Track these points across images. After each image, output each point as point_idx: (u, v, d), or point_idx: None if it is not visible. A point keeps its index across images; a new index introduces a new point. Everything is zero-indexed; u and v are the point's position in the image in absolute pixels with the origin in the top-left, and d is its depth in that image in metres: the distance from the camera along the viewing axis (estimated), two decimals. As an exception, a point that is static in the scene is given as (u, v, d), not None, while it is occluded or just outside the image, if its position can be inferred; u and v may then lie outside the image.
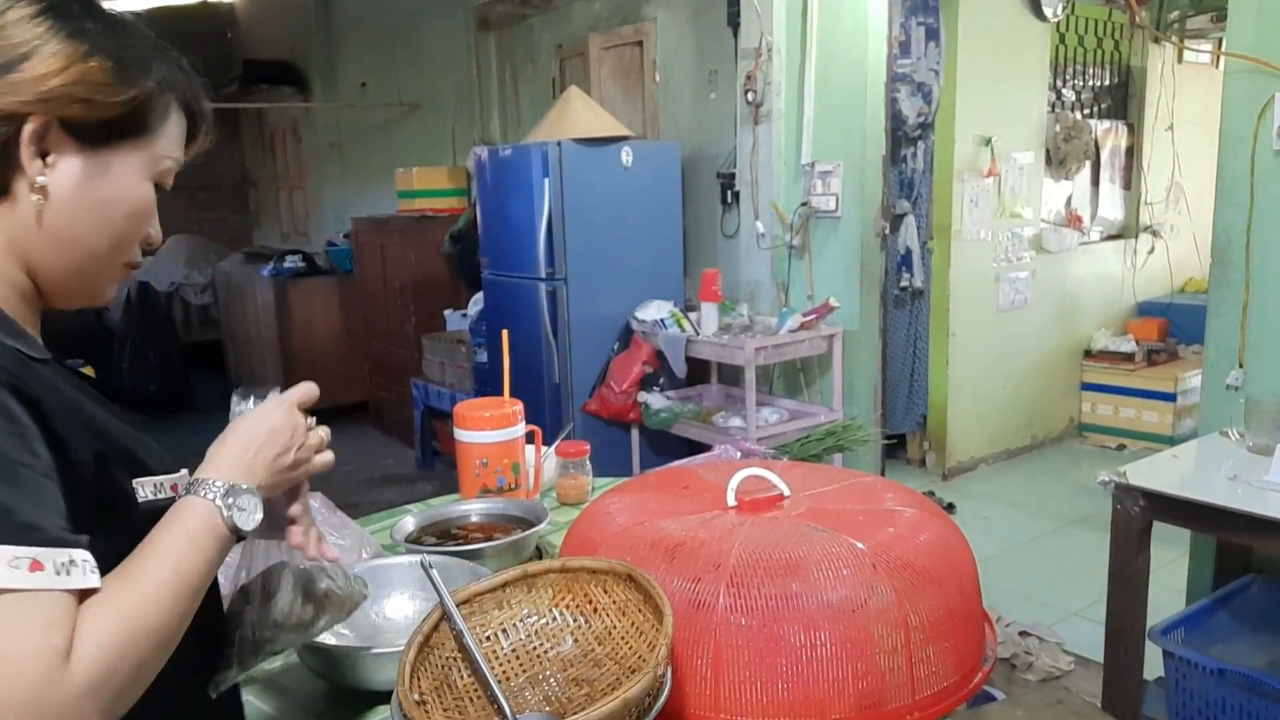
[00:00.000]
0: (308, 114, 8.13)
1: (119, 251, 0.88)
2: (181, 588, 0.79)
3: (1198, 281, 5.73)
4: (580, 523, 1.25)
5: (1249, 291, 2.56)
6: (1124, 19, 5.27)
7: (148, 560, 0.79)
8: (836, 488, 1.25)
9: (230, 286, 7.50)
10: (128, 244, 0.89)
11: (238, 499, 0.85)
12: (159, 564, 0.79)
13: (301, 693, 1.18)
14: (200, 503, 0.84)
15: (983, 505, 4.38)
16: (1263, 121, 2.47)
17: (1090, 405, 5.38)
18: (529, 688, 0.99)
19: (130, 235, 0.89)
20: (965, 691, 1.07)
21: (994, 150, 4.60)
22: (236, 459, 0.87)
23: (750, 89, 3.87)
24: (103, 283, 0.90)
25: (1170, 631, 2.37)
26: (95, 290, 0.90)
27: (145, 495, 0.84)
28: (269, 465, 0.89)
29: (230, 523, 0.84)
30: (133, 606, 0.74)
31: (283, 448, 0.90)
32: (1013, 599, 3.34)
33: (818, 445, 2.42)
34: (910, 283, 4.40)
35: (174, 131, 0.90)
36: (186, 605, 0.80)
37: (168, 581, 0.78)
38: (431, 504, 1.68)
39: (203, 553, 0.82)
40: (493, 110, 5.84)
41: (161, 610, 0.76)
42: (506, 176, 4.09)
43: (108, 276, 0.90)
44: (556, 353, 4.01)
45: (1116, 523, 2.20)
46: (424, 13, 6.25)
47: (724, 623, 1.00)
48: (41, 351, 0.83)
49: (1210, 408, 2.69)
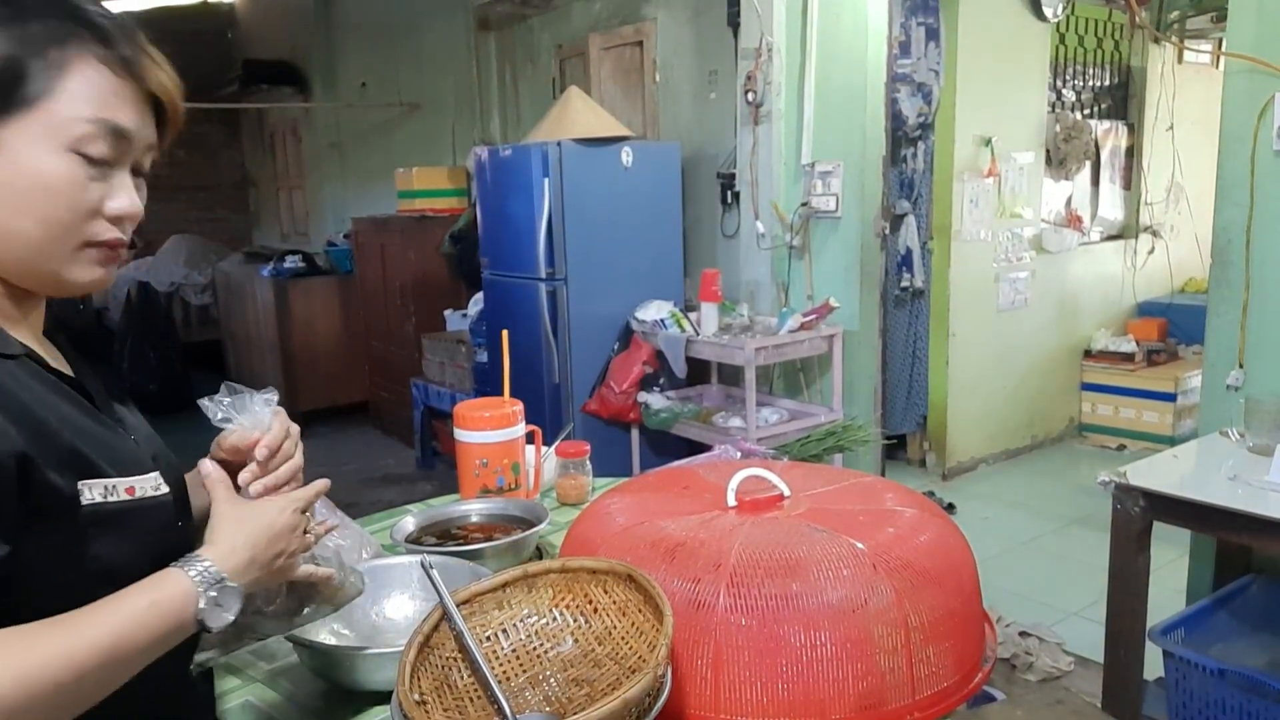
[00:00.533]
0: (308, 114, 8.13)
1: (56, 234, 0.81)
2: (114, 656, 0.75)
3: (1198, 281, 5.73)
4: (580, 523, 1.25)
5: (1249, 291, 2.56)
6: (1124, 19, 5.27)
7: (96, 615, 0.76)
8: (836, 488, 1.25)
9: (230, 286, 7.50)
10: (63, 224, 0.81)
11: (222, 595, 0.82)
12: (103, 624, 0.75)
13: (301, 693, 1.18)
14: (184, 581, 0.81)
15: (983, 505, 4.38)
16: (1263, 121, 2.47)
17: (1090, 405, 5.38)
18: (529, 688, 0.99)
19: (60, 215, 0.81)
20: (965, 692, 1.07)
21: (994, 150, 4.60)
22: (240, 551, 0.85)
23: (750, 89, 3.87)
24: (62, 267, 0.83)
25: (1170, 631, 2.37)
26: (59, 277, 0.84)
27: (91, 498, 0.80)
28: (266, 566, 0.87)
29: (201, 616, 0.81)
30: (45, 661, 0.71)
31: (283, 550, 0.89)
32: (1013, 599, 3.34)
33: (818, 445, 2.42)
34: (910, 283, 4.40)
35: (84, 91, 0.80)
36: (111, 677, 0.75)
37: (101, 646, 0.74)
38: (431, 504, 1.68)
39: (155, 630, 0.78)
40: (493, 110, 5.84)
41: (79, 675, 0.72)
42: (506, 176, 4.09)
43: (63, 259, 0.83)
44: (556, 353, 4.01)
45: (1116, 523, 2.20)
46: (424, 13, 6.25)
47: (724, 623, 1.00)
48: (8, 347, 0.81)
49: (1210, 408, 2.69)
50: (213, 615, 0.81)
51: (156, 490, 0.87)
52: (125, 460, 0.86)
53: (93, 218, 0.83)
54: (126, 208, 0.85)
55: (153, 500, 0.86)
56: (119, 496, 0.83)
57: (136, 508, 0.84)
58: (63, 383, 0.86)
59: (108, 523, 0.81)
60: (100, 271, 0.86)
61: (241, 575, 0.84)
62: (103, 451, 0.84)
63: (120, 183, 0.85)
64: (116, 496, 0.82)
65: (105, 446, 0.85)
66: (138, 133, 0.85)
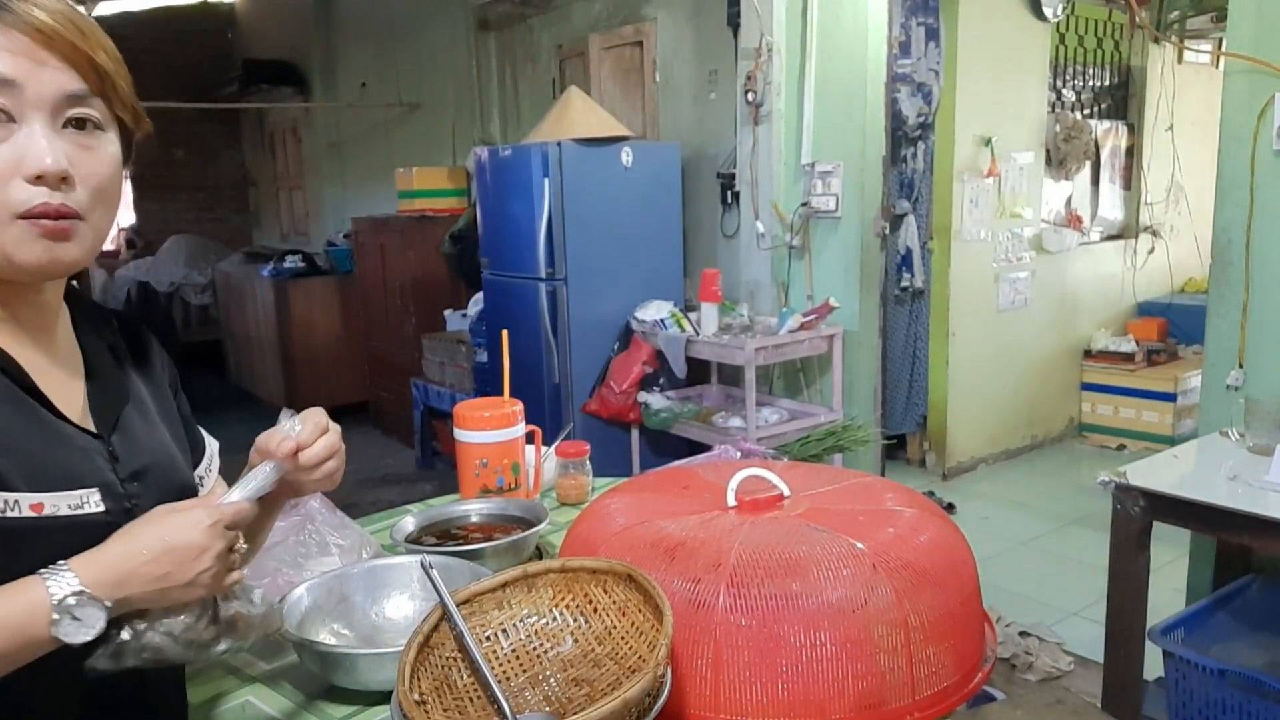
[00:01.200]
0: (308, 114, 8.13)
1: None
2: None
3: (1198, 281, 5.73)
4: (580, 523, 1.25)
5: (1249, 291, 2.56)
6: (1124, 19, 5.27)
7: None
8: (836, 488, 1.25)
9: (230, 286, 7.50)
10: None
11: (81, 610, 0.74)
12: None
13: (302, 693, 1.18)
14: (40, 592, 0.74)
15: (983, 505, 4.38)
16: (1263, 121, 2.47)
17: (1090, 405, 5.38)
18: (529, 688, 0.99)
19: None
20: (965, 691, 1.07)
21: (994, 150, 4.60)
22: (119, 562, 0.78)
23: (750, 89, 3.87)
24: (7, 247, 0.79)
25: (1170, 631, 2.37)
26: (8, 257, 0.79)
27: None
28: (147, 582, 0.79)
29: (53, 631, 0.74)
30: None
31: (174, 569, 0.79)
32: (1013, 599, 3.34)
33: (818, 445, 2.42)
34: (910, 283, 4.40)
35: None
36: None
37: None
38: (431, 504, 1.68)
39: (3, 639, 0.73)
40: (493, 110, 5.84)
41: None
42: (506, 176, 4.09)
43: (4, 237, 0.78)
44: (556, 353, 4.01)
45: (1116, 523, 2.20)
46: (424, 13, 6.25)
47: (724, 623, 1.00)
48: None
49: (1210, 408, 2.69)
50: (70, 630, 0.74)
51: (77, 509, 0.82)
52: (53, 475, 0.81)
53: (7, 183, 0.77)
54: (37, 161, 0.77)
55: (69, 519, 0.81)
56: (21, 512, 0.77)
57: (41, 526, 0.79)
58: (20, 390, 0.82)
59: (3, 539, 0.76)
60: (43, 247, 0.79)
61: (113, 590, 0.77)
62: (27, 465, 0.79)
63: (28, 139, 0.78)
64: (18, 512, 0.77)
65: (30, 459, 0.80)
66: (26, 79, 0.77)
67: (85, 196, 0.82)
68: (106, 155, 0.84)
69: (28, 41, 0.77)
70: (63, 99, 0.80)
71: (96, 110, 0.82)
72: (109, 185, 0.84)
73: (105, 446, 0.88)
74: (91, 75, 0.81)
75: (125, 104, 0.85)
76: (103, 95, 0.83)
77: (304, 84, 8.09)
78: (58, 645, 0.75)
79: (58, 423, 0.85)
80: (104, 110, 0.83)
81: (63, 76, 0.79)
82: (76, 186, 0.81)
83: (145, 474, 0.91)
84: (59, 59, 0.79)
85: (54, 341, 0.90)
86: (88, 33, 0.81)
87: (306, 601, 1.20)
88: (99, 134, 0.83)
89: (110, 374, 0.94)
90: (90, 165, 0.82)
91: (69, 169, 0.79)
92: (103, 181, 0.83)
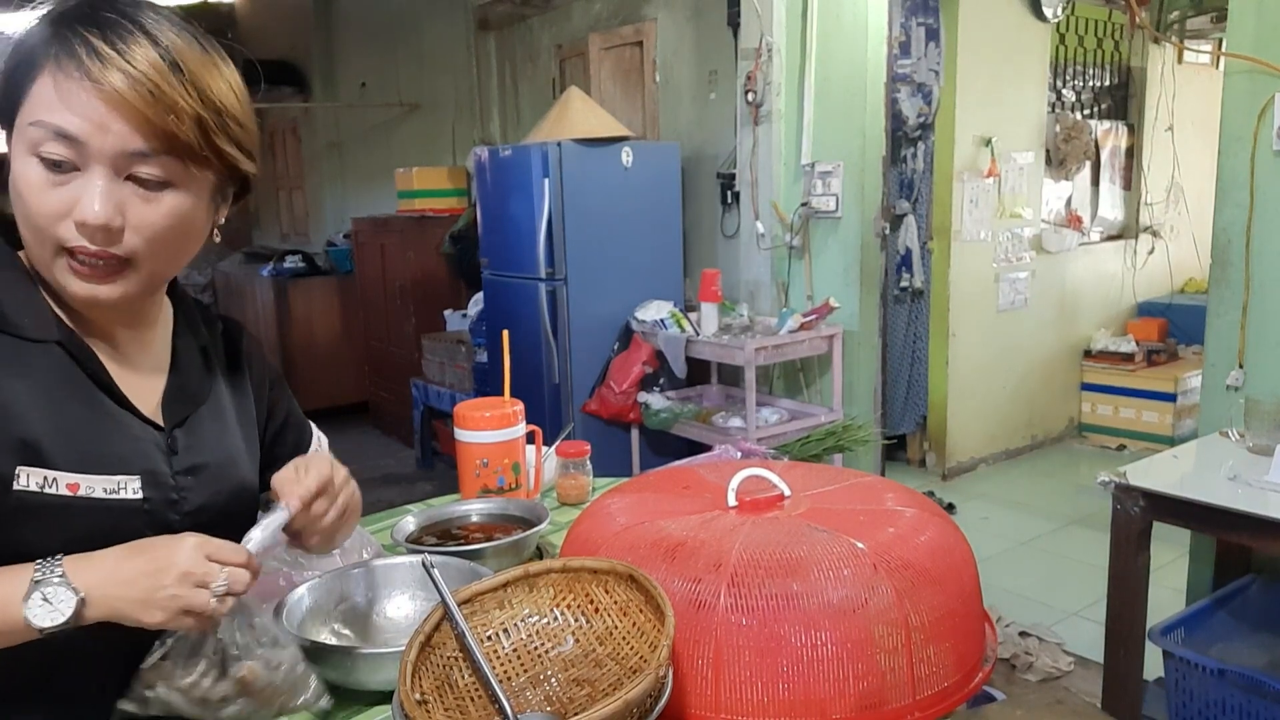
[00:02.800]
0: (307, 114, 8.13)
1: (36, 238, 0.85)
2: None
3: (1198, 281, 5.73)
4: (581, 523, 1.25)
5: (1249, 291, 2.56)
6: (1124, 19, 5.27)
7: None
8: (837, 488, 1.25)
9: (230, 286, 7.50)
10: (36, 228, 0.84)
11: (52, 592, 0.79)
12: None
13: (302, 693, 1.18)
14: (24, 576, 0.80)
15: (983, 505, 4.38)
16: (1263, 121, 2.47)
17: (1090, 405, 5.38)
18: (530, 688, 0.99)
19: (31, 218, 0.84)
20: (966, 691, 1.07)
21: (994, 150, 4.61)
22: (103, 560, 0.82)
23: (750, 89, 3.87)
24: (52, 273, 0.86)
25: (1170, 632, 2.37)
26: (59, 282, 0.87)
27: (22, 484, 0.82)
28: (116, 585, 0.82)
29: (24, 611, 0.78)
30: None
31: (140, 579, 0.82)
32: (1013, 599, 3.34)
33: (818, 445, 2.42)
34: (910, 283, 4.40)
35: (40, 96, 0.82)
36: None
37: None
38: (431, 504, 1.68)
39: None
40: (493, 110, 5.84)
41: None
42: (506, 176, 4.09)
43: (49, 265, 0.86)
44: (556, 353, 4.01)
45: (1116, 523, 2.20)
46: (424, 13, 6.25)
47: (725, 623, 1.00)
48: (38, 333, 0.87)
49: (1210, 408, 2.69)
50: (39, 613, 0.79)
51: (113, 493, 0.87)
52: (97, 459, 0.87)
53: (59, 220, 0.83)
54: (82, 213, 0.82)
55: (103, 502, 0.86)
56: (58, 490, 0.83)
57: (75, 505, 0.84)
58: (86, 376, 0.89)
59: (36, 512, 0.82)
60: (78, 284, 0.85)
61: (89, 584, 0.81)
62: (74, 447, 0.85)
63: (85, 187, 0.82)
64: (55, 490, 0.83)
65: (82, 443, 0.86)
66: (89, 137, 0.81)
67: (137, 244, 0.86)
68: (167, 208, 0.86)
69: (97, 103, 0.81)
70: (123, 156, 0.83)
71: (162, 168, 0.85)
72: (167, 235, 0.87)
73: (165, 439, 0.94)
74: (160, 135, 0.83)
75: (219, 155, 0.87)
76: (174, 154, 0.84)
77: (304, 84, 8.09)
78: (33, 632, 0.79)
79: (119, 411, 0.91)
80: (176, 168, 0.85)
81: (126, 136, 0.82)
82: (126, 233, 0.85)
83: (201, 470, 0.96)
84: (124, 119, 0.81)
85: (142, 339, 0.97)
86: (165, 93, 0.82)
87: (307, 601, 1.20)
88: (165, 190, 0.86)
89: (192, 374, 1.00)
90: (146, 216, 0.85)
91: (113, 221, 0.83)
92: (158, 232, 0.86)
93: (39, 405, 0.84)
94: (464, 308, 5.23)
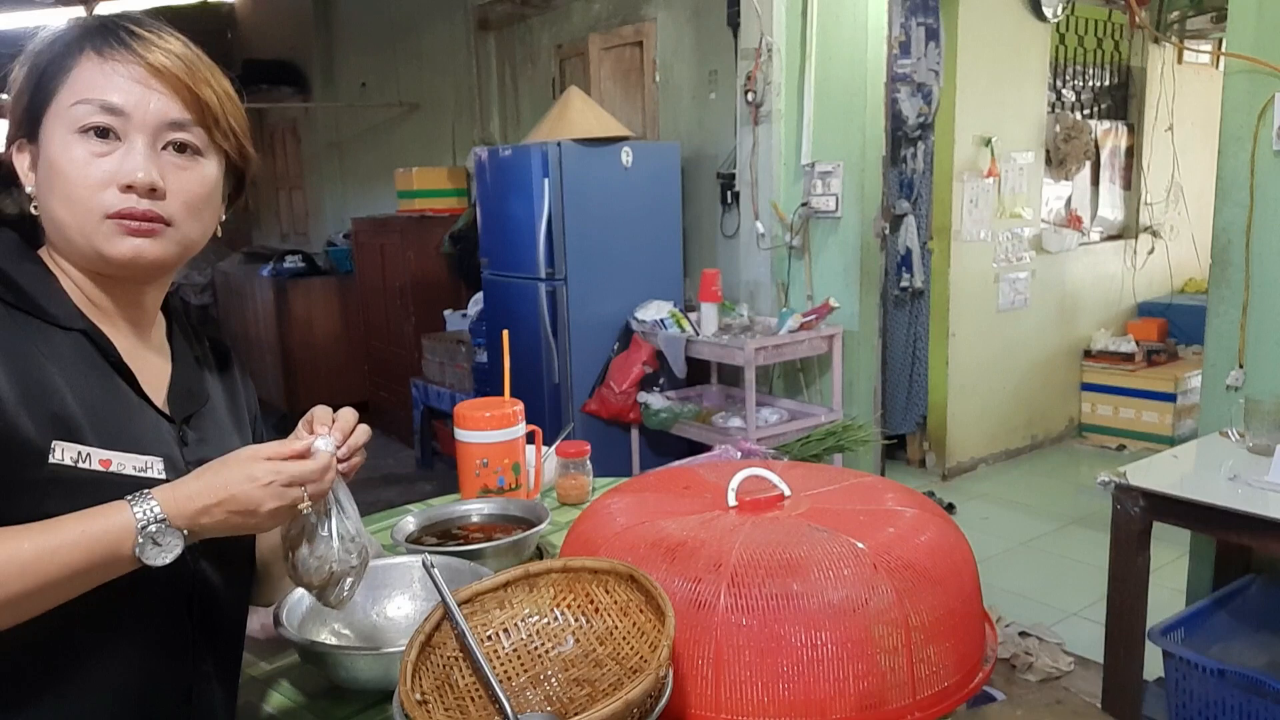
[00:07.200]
0: (307, 114, 8.13)
1: (79, 211, 0.89)
2: (33, 570, 0.79)
3: (1198, 281, 5.73)
4: (581, 523, 1.25)
5: (1249, 291, 2.56)
6: (1124, 19, 5.27)
7: (26, 529, 0.80)
8: (837, 488, 1.25)
9: (230, 286, 7.49)
10: (79, 199, 0.89)
11: (162, 535, 0.84)
12: (27, 538, 0.79)
13: (302, 692, 1.18)
14: (126, 516, 0.83)
15: (983, 505, 4.38)
16: (1263, 121, 2.48)
17: (1090, 405, 5.38)
18: (530, 687, 0.99)
19: (74, 191, 0.89)
20: (966, 691, 1.08)
21: (994, 150, 4.61)
22: (197, 497, 0.86)
23: (750, 89, 3.87)
24: (94, 241, 0.90)
25: (1170, 631, 2.37)
26: (99, 252, 0.90)
27: (57, 458, 0.85)
28: (219, 522, 0.87)
29: (137, 553, 0.83)
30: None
31: (240, 509, 0.87)
32: (1013, 599, 3.34)
33: (818, 445, 2.42)
34: (910, 283, 4.40)
35: (81, 79, 0.90)
36: (26, 591, 0.79)
37: (20, 558, 0.78)
38: (432, 504, 1.68)
39: (80, 555, 0.81)
40: (493, 110, 5.84)
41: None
42: (506, 176, 4.09)
43: (92, 234, 0.90)
44: (556, 353, 4.01)
45: (1116, 523, 2.20)
46: (424, 13, 6.25)
47: (725, 623, 1.00)
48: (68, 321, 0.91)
49: (1210, 408, 2.69)
50: (151, 553, 0.83)
51: (142, 472, 0.90)
52: (124, 439, 0.90)
53: (103, 189, 0.89)
54: (129, 174, 0.89)
55: (132, 479, 0.89)
56: (91, 465, 0.87)
57: (107, 480, 0.87)
58: (107, 363, 0.93)
59: (70, 486, 0.85)
60: (129, 243, 0.90)
61: (191, 520, 0.85)
62: (103, 427, 0.89)
63: (128, 154, 0.89)
64: (88, 464, 0.87)
65: (110, 424, 0.90)
66: (134, 107, 0.89)
67: (175, 207, 0.92)
68: (200, 176, 0.95)
69: (142, 73, 0.90)
70: (164, 124, 0.91)
71: (195, 138, 0.93)
72: (199, 202, 0.95)
73: (177, 430, 0.98)
74: (194, 106, 0.92)
75: (228, 137, 0.96)
76: (203, 125, 0.94)
77: (304, 84, 8.08)
78: (138, 566, 0.84)
79: (138, 400, 0.95)
80: (204, 139, 0.94)
81: (166, 105, 0.91)
82: (166, 197, 0.92)
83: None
84: (166, 89, 0.91)
85: (148, 339, 1.01)
86: (196, 71, 0.93)
87: (307, 601, 1.20)
88: (197, 158, 0.94)
89: (193, 378, 1.04)
90: (183, 182, 0.93)
91: (159, 182, 0.91)
92: (192, 197, 0.94)
93: (71, 385, 0.88)
94: (464, 308, 5.23)
